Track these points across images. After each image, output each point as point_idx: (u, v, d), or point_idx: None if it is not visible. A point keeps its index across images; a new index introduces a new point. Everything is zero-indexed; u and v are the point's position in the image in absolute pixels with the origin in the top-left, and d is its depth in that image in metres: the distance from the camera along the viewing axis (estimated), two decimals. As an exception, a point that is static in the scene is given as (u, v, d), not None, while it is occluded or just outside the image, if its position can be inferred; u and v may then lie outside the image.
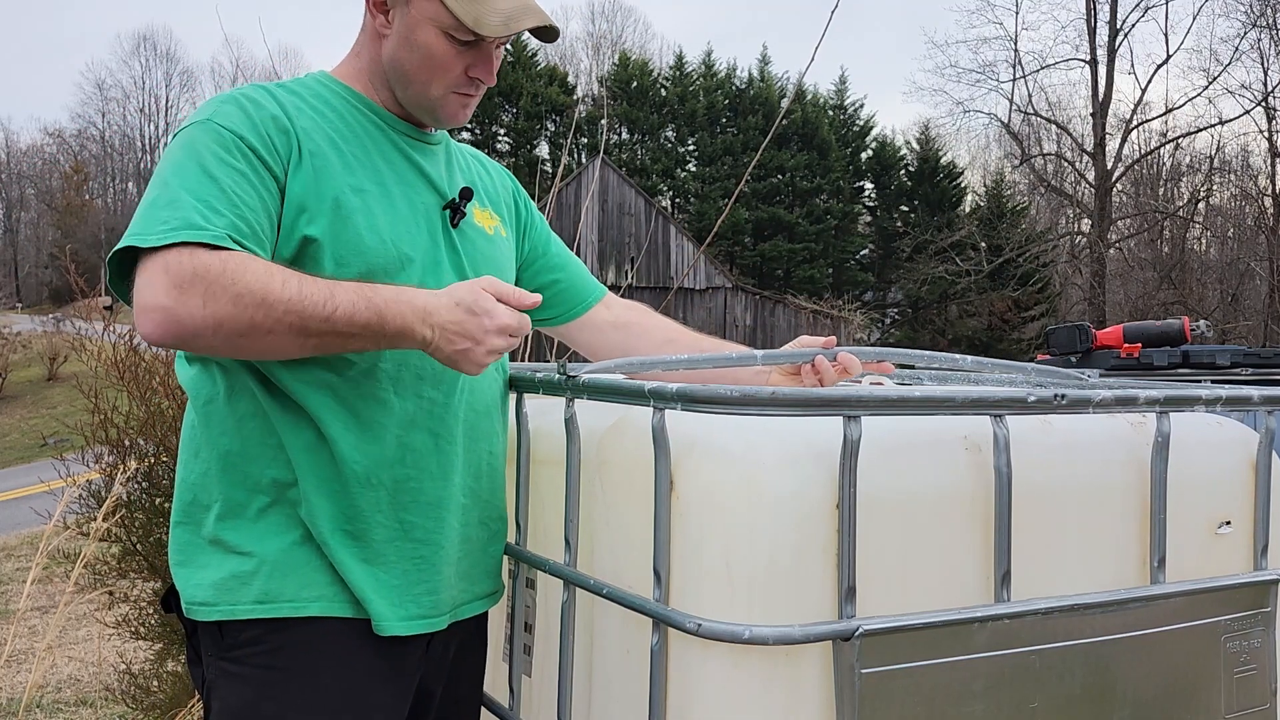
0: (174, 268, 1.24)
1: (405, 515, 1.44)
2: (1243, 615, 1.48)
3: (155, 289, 1.24)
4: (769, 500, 1.21)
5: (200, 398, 1.45)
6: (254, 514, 1.40)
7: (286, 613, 1.38)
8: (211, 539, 1.41)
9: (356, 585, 1.40)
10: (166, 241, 1.25)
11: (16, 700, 4.15)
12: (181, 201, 1.29)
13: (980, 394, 1.25)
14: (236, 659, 1.39)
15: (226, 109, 1.40)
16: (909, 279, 30.15)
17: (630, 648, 1.35)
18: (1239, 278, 26.06)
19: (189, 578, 1.41)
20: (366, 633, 1.41)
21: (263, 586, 1.38)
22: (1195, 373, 3.97)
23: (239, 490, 1.40)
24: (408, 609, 1.44)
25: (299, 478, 1.40)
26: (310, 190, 1.40)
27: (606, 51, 40.98)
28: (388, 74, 1.51)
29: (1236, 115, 27.96)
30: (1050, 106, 29.87)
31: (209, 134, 1.37)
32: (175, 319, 1.23)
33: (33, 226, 52.82)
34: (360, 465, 1.41)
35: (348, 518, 1.41)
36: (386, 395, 1.43)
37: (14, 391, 24.30)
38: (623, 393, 1.32)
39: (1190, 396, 1.43)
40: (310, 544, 1.40)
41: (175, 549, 1.45)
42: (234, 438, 1.41)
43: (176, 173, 1.33)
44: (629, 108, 30.72)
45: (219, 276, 1.24)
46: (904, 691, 1.21)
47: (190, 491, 1.44)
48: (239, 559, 1.39)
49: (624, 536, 1.37)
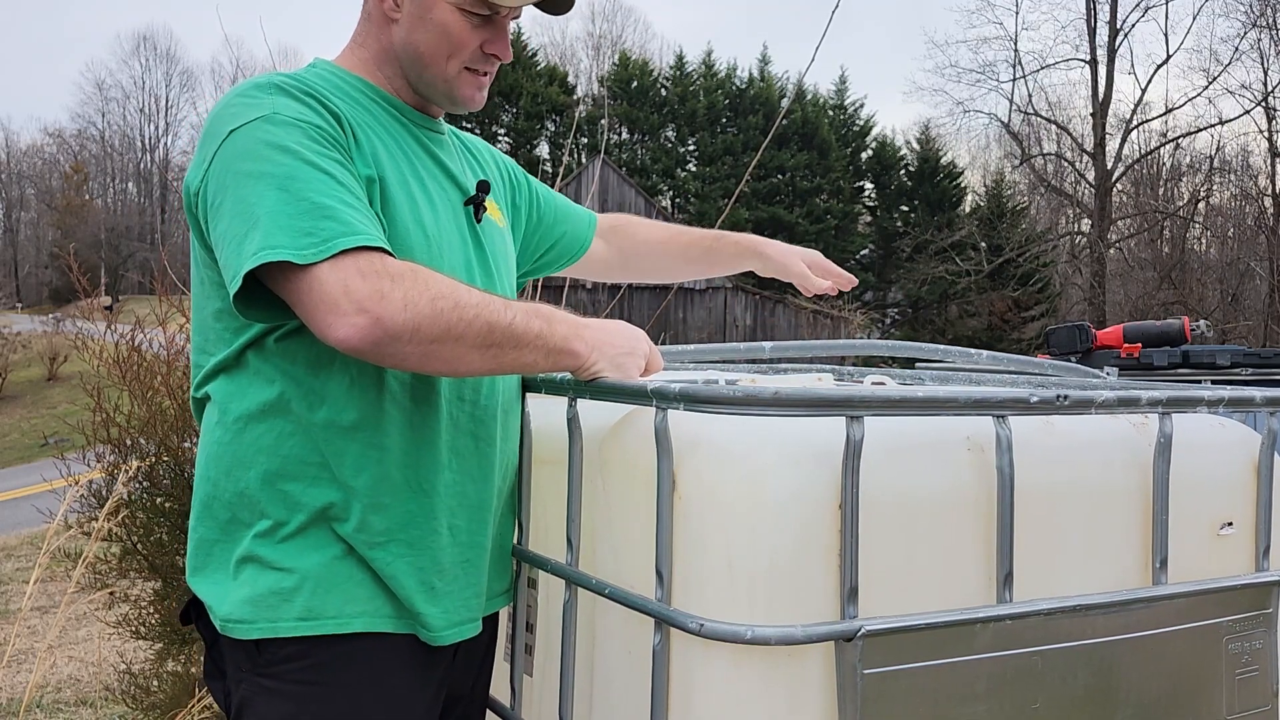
0: (369, 273, 1.20)
1: (454, 520, 1.44)
2: (1244, 616, 1.48)
3: (354, 295, 1.20)
4: (771, 500, 1.21)
5: (230, 414, 1.39)
6: (292, 531, 1.36)
7: (331, 629, 1.35)
8: (246, 556, 1.36)
9: (408, 596, 1.38)
10: (344, 247, 1.21)
11: (16, 700, 4.15)
12: (328, 207, 1.24)
13: (983, 394, 1.25)
14: (276, 675, 1.35)
15: (282, 100, 1.33)
16: (909, 279, 30.17)
17: (632, 648, 1.35)
18: (1239, 278, 26.06)
19: (221, 594, 1.37)
20: (406, 645, 1.40)
21: (306, 603, 1.34)
22: (1195, 373, 3.97)
23: (279, 508, 1.36)
24: (459, 614, 1.44)
25: (350, 491, 1.36)
26: (364, 179, 1.36)
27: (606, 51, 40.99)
28: (400, 59, 1.47)
29: (1236, 115, 27.98)
30: (1050, 106, 29.90)
31: (290, 130, 1.30)
32: (380, 324, 1.20)
33: (33, 226, 52.84)
34: (414, 471, 1.39)
35: (401, 526, 1.38)
36: (437, 399, 1.42)
37: (14, 391, 24.30)
38: (625, 393, 1.32)
39: (1193, 397, 1.43)
40: (351, 558, 1.37)
41: (202, 564, 1.41)
42: (272, 456, 1.37)
43: (291, 176, 1.26)
44: (629, 108, 30.72)
45: (414, 281, 1.22)
46: (906, 692, 1.20)
47: (228, 510, 1.39)
48: (278, 575, 1.35)
49: (626, 536, 1.37)
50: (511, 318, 1.28)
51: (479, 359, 1.28)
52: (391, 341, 1.21)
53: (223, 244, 1.28)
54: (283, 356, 1.36)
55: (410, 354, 1.23)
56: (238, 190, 1.27)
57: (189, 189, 1.36)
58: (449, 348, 1.24)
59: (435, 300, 1.22)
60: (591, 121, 29.31)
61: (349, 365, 1.36)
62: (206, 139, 1.34)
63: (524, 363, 1.32)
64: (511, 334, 1.28)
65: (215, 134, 1.33)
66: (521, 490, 1.61)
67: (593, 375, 1.36)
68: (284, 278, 1.23)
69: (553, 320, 1.33)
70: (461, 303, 1.24)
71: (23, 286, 48.66)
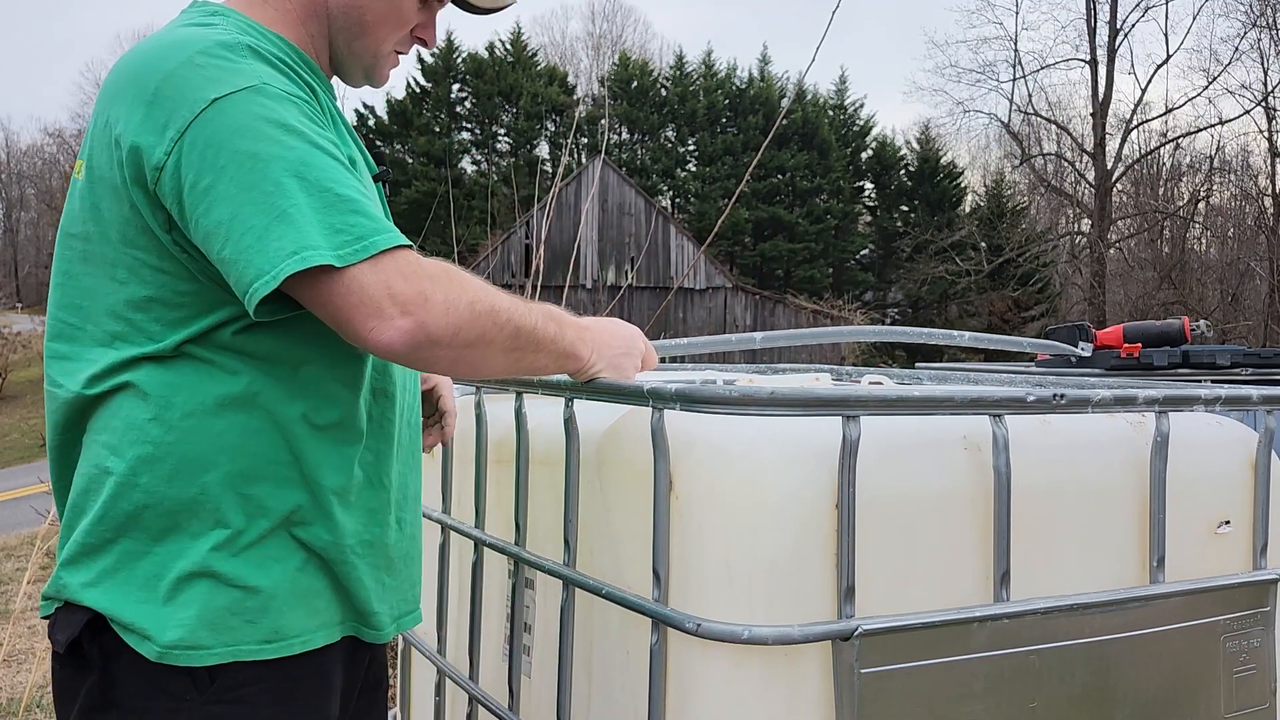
0: (410, 274, 1.15)
1: (401, 512, 1.41)
2: (1242, 615, 1.48)
3: (399, 298, 1.14)
4: (768, 500, 1.21)
5: (176, 409, 1.23)
6: (251, 541, 1.24)
7: (297, 649, 1.26)
8: (195, 571, 1.22)
9: (364, 597, 1.33)
10: (382, 248, 1.15)
11: (16, 700, 4.14)
12: (352, 200, 1.16)
13: (979, 394, 1.25)
14: (233, 700, 1.23)
15: (263, 68, 1.22)
16: (909, 279, 30.15)
17: (630, 648, 1.35)
18: (1239, 278, 26.04)
19: (156, 616, 1.21)
20: (346, 644, 1.34)
21: (272, 624, 1.24)
22: (1195, 373, 3.97)
23: (238, 515, 1.24)
24: (399, 607, 1.40)
25: (319, 491, 1.28)
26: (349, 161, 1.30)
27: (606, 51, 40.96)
28: (335, 20, 1.36)
29: (1236, 115, 28.00)
30: (1050, 106, 29.87)
31: (287, 106, 1.19)
32: (424, 327, 1.15)
33: (33, 226, 52.81)
34: (376, 466, 1.35)
35: (365, 525, 1.33)
36: (393, 389, 1.39)
37: (14, 391, 24.32)
38: (621, 393, 1.32)
39: (1189, 396, 1.43)
40: (312, 567, 1.29)
41: (117, 581, 1.23)
42: (238, 456, 1.24)
43: (305, 162, 1.16)
44: (629, 108, 30.70)
45: (450, 282, 1.18)
46: (903, 691, 1.20)
47: (166, 519, 1.23)
48: (240, 593, 1.23)
49: (623, 537, 1.37)
50: (535, 321, 1.26)
51: (501, 362, 1.26)
52: (431, 345, 1.17)
53: (225, 234, 1.15)
54: (247, 349, 1.25)
55: (443, 357, 1.20)
56: (241, 174, 1.14)
57: (145, 159, 1.18)
58: (479, 351, 1.21)
59: (474, 304, 1.19)
60: (591, 121, 29.30)
61: (326, 359, 1.29)
62: (164, 101, 1.17)
63: (536, 366, 1.30)
64: (534, 338, 1.26)
65: (184, 99, 1.17)
66: (519, 491, 1.61)
67: (591, 377, 1.36)
68: (312, 278, 1.14)
69: (562, 323, 1.32)
70: (497, 307, 1.21)
71: (23, 286, 48.65)
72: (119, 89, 1.23)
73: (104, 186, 1.23)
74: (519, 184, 20.53)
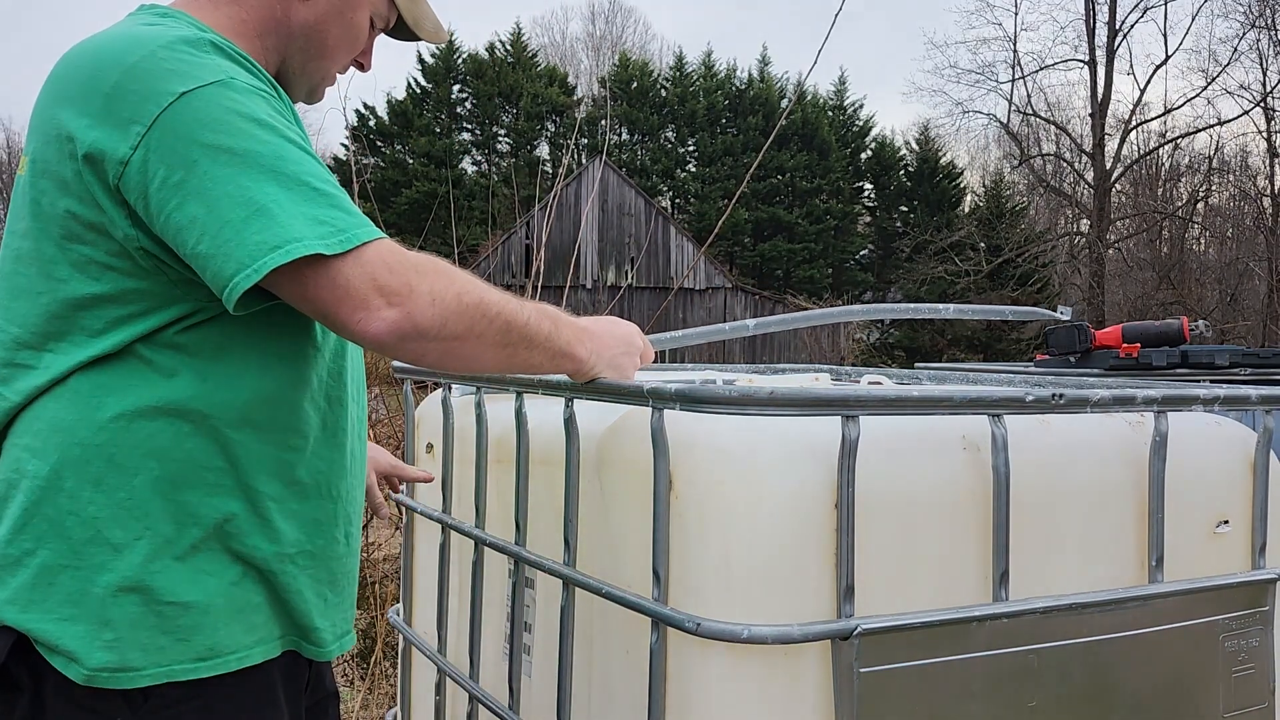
0: (394, 266, 1.14)
1: (349, 527, 1.38)
2: (1241, 614, 1.48)
3: (384, 289, 1.13)
4: (767, 500, 1.21)
5: (106, 411, 1.19)
6: (183, 552, 1.20)
7: (233, 666, 1.22)
8: (124, 586, 1.17)
9: (306, 611, 1.30)
10: (365, 239, 1.14)
11: None
12: (329, 194, 1.15)
13: (978, 393, 1.26)
14: (170, 718, 1.20)
15: (228, 64, 1.21)
16: (908, 279, 30.14)
17: (629, 647, 1.35)
18: (1238, 278, 26.05)
19: (83, 636, 1.16)
20: (286, 661, 1.31)
21: (206, 642, 1.20)
22: (1194, 373, 3.98)
23: (166, 524, 1.19)
24: (341, 626, 1.38)
25: (256, 498, 1.24)
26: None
27: (606, 52, 40.95)
28: (295, 39, 1.36)
29: (1235, 115, 28.01)
30: (1049, 107, 29.88)
31: (256, 100, 1.18)
32: (410, 318, 1.14)
33: (32, 227, 52.71)
34: (325, 476, 1.32)
35: (309, 536, 1.30)
36: (346, 398, 1.37)
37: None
38: (621, 393, 1.32)
39: (1188, 396, 1.43)
40: (249, 580, 1.25)
41: (42, 596, 1.18)
42: (167, 461, 1.19)
43: (280, 156, 1.14)
44: (629, 108, 30.69)
45: (437, 274, 1.17)
46: (902, 691, 1.21)
47: (89, 527, 1.17)
48: (172, 610, 1.18)
49: (623, 536, 1.37)
50: (527, 317, 1.25)
51: (493, 357, 1.25)
52: (418, 337, 1.16)
53: (200, 229, 1.12)
54: (185, 348, 1.21)
55: (431, 349, 1.19)
56: (215, 168, 1.12)
57: (106, 153, 1.14)
58: (469, 345, 1.20)
59: (461, 296, 1.18)
60: (592, 122, 29.32)
61: (266, 357, 1.25)
62: (127, 95, 1.14)
63: (531, 364, 1.29)
64: (526, 334, 1.25)
65: (149, 92, 1.14)
66: (519, 491, 1.61)
67: (591, 378, 1.36)
68: (295, 270, 1.12)
69: (558, 322, 1.31)
70: (486, 300, 1.20)
71: (22, 288, 48.67)
72: (68, 82, 1.21)
73: (48, 181, 1.19)
74: (519, 184, 20.52)
